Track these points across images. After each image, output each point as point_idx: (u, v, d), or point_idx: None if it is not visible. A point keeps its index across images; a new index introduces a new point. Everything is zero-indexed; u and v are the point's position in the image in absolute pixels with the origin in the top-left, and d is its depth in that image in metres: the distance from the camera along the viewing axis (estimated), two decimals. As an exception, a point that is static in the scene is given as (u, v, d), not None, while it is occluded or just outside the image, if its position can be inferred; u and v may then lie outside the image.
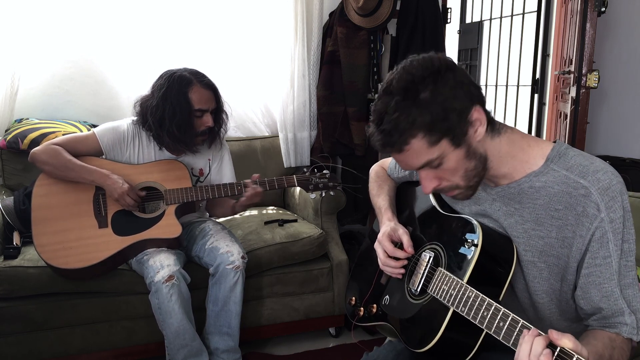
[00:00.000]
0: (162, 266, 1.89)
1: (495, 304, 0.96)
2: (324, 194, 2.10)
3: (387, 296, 1.27)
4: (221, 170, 2.24)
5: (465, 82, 0.99)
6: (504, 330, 0.93)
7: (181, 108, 1.97)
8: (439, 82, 0.97)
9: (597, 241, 0.99)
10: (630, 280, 1.01)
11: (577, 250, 1.01)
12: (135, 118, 2.09)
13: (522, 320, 0.91)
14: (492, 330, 0.95)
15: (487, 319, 0.96)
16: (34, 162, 1.97)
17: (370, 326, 1.33)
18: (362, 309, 1.34)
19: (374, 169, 1.51)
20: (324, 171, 2.09)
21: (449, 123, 0.97)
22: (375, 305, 1.29)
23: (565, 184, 1.02)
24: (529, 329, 0.89)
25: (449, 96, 0.97)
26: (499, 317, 0.94)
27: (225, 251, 2.01)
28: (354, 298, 1.40)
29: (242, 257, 2.03)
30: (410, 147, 0.99)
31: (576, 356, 0.80)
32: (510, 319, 0.93)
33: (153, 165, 2.06)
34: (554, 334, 0.82)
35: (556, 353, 0.81)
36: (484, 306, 0.97)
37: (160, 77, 2.04)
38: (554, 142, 1.08)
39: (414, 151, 0.99)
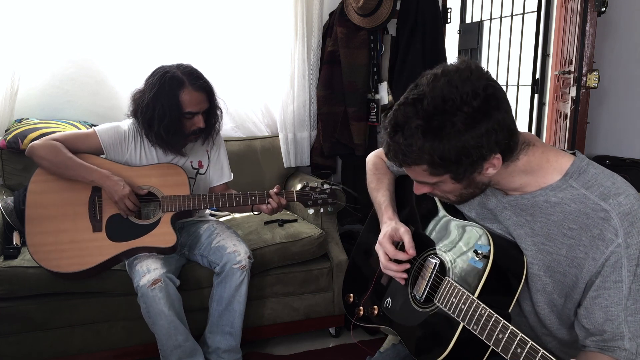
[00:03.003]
0: (148, 270, 1.88)
1: (511, 327, 0.93)
2: (322, 210, 2.08)
3: (389, 299, 1.24)
4: (219, 159, 2.22)
5: (496, 128, 0.91)
6: (522, 357, 0.90)
7: (171, 110, 1.92)
8: (469, 123, 0.90)
9: (611, 266, 0.96)
10: None
11: (588, 272, 0.99)
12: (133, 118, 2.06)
13: (542, 350, 0.88)
14: (509, 357, 0.92)
15: (503, 343, 0.93)
16: (32, 156, 1.93)
17: (370, 327, 1.32)
18: (361, 308, 1.31)
19: (370, 159, 1.46)
20: (325, 186, 2.06)
21: (457, 166, 0.95)
22: (376, 307, 1.27)
23: (583, 203, 0.99)
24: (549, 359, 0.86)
25: (471, 144, 0.91)
26: (515, 343, 0.91)
27: (232, 250, 2.01)
28: (352, 295, 1.37)
29: (249, 257, 2.03)
30: (412, 169, 1.00)
31: None
32: (528, 346, 0.89)
33: (152, 169, 2.04)
34: None
35: None
36: (499, 328, 0.94)
37: (153, 74, 1.98)
38: (574, 153, 1.05)
39: (414, 171, 1.01)
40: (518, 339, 0.91)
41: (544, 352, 0.88)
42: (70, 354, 2.04)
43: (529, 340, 0.90)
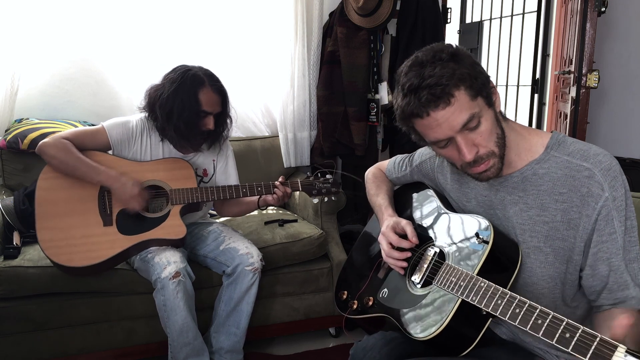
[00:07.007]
0: (168, 262, 1.89)
1: (510, 292, 0.99)
2: (326, 199, 2.12)
3: (386, 289, 1.28)
4: (227, 170, 2.23)
5: (473, 62, 1.06)
6: (520, 315, 0.95)
7: (190, 106, 1.96)
8: (458, 55, 1.03)
9: (603, 219, 1.03)
10: (634, 254, 1.06)
11: (584, 229, 1.05)
12: (145, 114, 2.06)
13: (540, 307, 0.93)
14: (507, 317, 0.97)
15: (501, 307, 0.98)
16: (42, 155, 1.94)
17: (363, 318, 1.33)
18: (355, 302, 1.34)
19: (370, 171, 1.52)
20: (327, 176, 2.11)
21: (481, 79, 1.04)
22: (371, 297, 1.30)
23: (567, 167, 1.06)
24: (548, 314, 0.91)
25: (472, 62, 1.04)
26: (514, 304, 0.97)
27: (245, 252, 2.03)
28: (345, 292, 1.40)
29: (261, 260, 2.05)
30: (456, 99, 1.01)
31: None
32: (527, 305, 0.95)
33: (159, 163, 2.05)
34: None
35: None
36: (498, 294, 1.00)
37: (175, 70, 2.02)
38: (551, 132, 1.13)
39: (460, 104, 1.01)
40: (517, 300, 0.97)
41: (542, 308, 0.93)
42: (70, 354, 2.04)
43: (527, 300, 0.95)
